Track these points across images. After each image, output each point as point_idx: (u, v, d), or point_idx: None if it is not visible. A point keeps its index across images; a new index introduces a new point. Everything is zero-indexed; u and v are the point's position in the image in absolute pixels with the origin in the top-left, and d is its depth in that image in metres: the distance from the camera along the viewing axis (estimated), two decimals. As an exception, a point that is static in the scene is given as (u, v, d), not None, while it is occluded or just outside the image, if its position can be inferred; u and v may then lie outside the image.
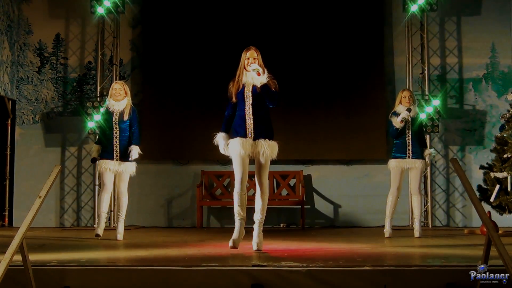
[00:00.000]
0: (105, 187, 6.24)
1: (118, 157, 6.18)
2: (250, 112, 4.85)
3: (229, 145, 4.87)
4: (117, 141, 6.20)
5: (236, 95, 4.91)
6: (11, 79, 8.80)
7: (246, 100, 4.87)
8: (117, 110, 6.24)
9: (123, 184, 6.24)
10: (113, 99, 6.27)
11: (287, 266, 3.74)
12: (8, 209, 8.71)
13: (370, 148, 8.54)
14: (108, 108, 6.31)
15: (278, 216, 8.64)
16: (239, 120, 4.88)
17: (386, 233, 6.51)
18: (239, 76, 4.95)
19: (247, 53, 4.93)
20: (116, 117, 6.23)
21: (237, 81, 4.94)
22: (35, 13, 9.02)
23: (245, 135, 4.82)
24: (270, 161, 4.88)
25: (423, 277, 3.62)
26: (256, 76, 4.82)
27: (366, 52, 8.66)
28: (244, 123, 4.84)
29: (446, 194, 8.63)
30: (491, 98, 8.69)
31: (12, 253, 3.33)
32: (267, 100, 4.88)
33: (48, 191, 3.59)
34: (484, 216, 3.39)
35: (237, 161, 4.80)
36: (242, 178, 4.79)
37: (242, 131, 4.83)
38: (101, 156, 6.23)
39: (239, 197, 4.78)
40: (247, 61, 4.90)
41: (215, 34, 8.73)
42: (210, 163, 8.60)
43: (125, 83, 6.49)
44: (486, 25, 8.74)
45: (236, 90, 4.92)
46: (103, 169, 6.18)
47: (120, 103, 6.26)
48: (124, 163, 6.19)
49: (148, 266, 3.82)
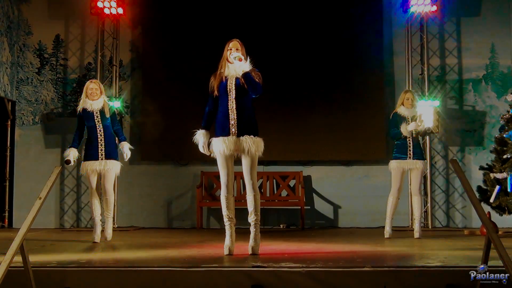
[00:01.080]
0: (92, 192, 6.08)
1: (103, 156, 6.03)
2: (233, 107, 4.60)
3: (211, 144, 4.67)
4: (102, 140, 6.06)
5: (218, 89, 4.68)
6: (11, 80, 8.80)
7: (229, 94, 4.62)
8: (96, 109, 6.08)
9: (109, 183, 6.10)
10: (89, 98, 6.11)
11: (287, 267, 3.74)
12: (8, 210, 8.72)
13: (370, 148, 8.54)
14: (85, 108, 6.10)
15: (278, 217, 8.65)
16: (222, 116, 4.65)
17: (386, 234, 6.51)
18: (221, 68, 4.72)
19: (229, 44, 4.72)
20: (98, 115, 6.08)
21: (219, 74, 4.70)
22: (35, 14, 9.02)
23: (228, 133, 4.59)
24: (257, 159, 4.63)
25: (423, 278, 3.63)
26: (238, 64, 4.59)
27: (366, 52, 8.66)
28: (227, 120, 4.61)
29: (446, 195, 8.63)
30: (490, 99, 8.70)
31: (13, 254, 3.33)
32: (249, 88, 4.58)
33: (48, 192, 3.59)
34: (484, 217, 3.39)
35: (220, 161, 4.63)
36: (228, 180, 4.63)
37: (225, 128, 4.60)
38: (84, 157, 6.06)
39: (226, 200, 4.63)
40: (230, 51, 4.68)
41: (214, 35, 8.69)
42: (209, 164, 8.55)
43: (99, 82, 6.38)
44: (486, 26, 8.75)
45: (218, 83, 4.68)
46: (89, 172, 6.00)
47: (97, 102, 6.10)
48: (109, 162, 6.05)
49: (148, 267, 3.81)
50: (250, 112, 4.69)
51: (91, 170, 6.01)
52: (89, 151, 6.05)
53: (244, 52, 4.73)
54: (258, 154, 4.61)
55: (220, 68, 4.73)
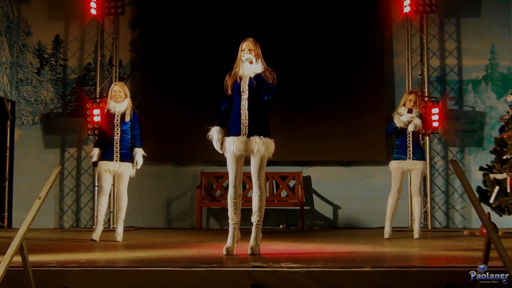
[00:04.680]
0: (102, 190, 6.22)
1: (118, 158, 6.17)
2: (246, 107, 4.66)
3: (224, 143, 4.71)
4: (118, 143, 6.19)
5: (232, 88, 4.74)
6: (11, 80, 8.80)
7: (242, 94, 4.68)
8: (118, 111, 6.22)
9: (123, 185, 6.23)
10: (113, 100, 6.27)
11: (286, 267, 3.73)
12: (7, 210, 8.71)
13: (370, 149, 8.54)
14: (109, 110, 6.27)
15: (277, 218, 8.65)
16: (234, 115, 4.70)
17: (385, 234, 6.51)
18: (235, 67, 4.79)
19: (243, 44, 4.78)
20: (118, 119, 6.21)
21: (233, 74, 4.76)
22: (34, 15, 9.02)
23: (239, 133, 4.64)
24: (266, 160, 4.67)
25: (422, 278, 3.63)
26: (249, 65, 4.66)
27: (366, 53, 8.67)
28: (238, 120, 4.66)
29: (446, 195, 8.63)
30: (490, 99, 8.70)
31: (12, 254, 3.32)
32: (261, 90, 4.66)
33: (47, 192, 3.59)
34: (484, 217, 3.38)
35: (230, 162, 4.67)
36: (236, 181, 4.67)
37: (237, 128, 4.65)
38: (100, 157, 6.20)
39: (232, 201, 4.67)
40: (243, 52, 4.73)
41: (215, 35, 8.73)
42: (209, 164, 8.60)
43: (124, 85, 6.47)
44: (486, 26, 8.75)
45: (233, 82, 4.74)
46: (102, 171, 6.15)
47: (121, 105, 6.25)
48: (124, 164, 6.18)
49: (147, 267, 3.81)
50: (263, 113, 4.72)
51: (105, 170, 6.15)
52: (105, 152, 6.19)
53: (259, 51, 4.78)
54: (268, 155, 4.64)
55: (235, 68, 4.80)
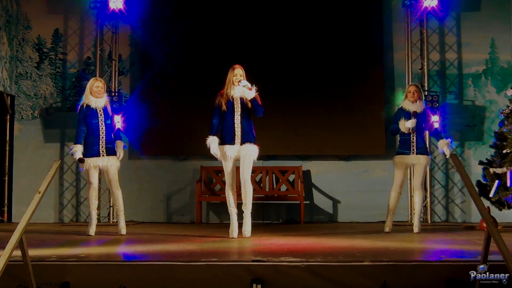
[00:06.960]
0: (92, 186, 6.20)
1: (104, 153, 6.16)
2: (238, 121, 5.62)
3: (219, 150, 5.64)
4: (103, 137, 6.18)
5: (226, 105, 5.62)
6: (10, 74, 8.78)
7: (235, 112, 5.61)
8: (100, 107, 6.18)
9: (114, 179, 6.23)
10: (94, 96, 6.17)
11: (286, 261, 3.74)
12: (7, 205, 8.71)
13: (369, 143, 8.53)
14: (89, 105, 6.16)
15: (277, 212, 8.65)
16: (228, 128, 5.64)
17: (386, 228, 6.51)
18: (227, 89, 5.64)
19: (234, 71, 5.64)
20: (101, 114, 6.19)
21: (225, 94, 5.63)
22: (33, 9, 8.98)
23: (233, 142, 5.61)
24: (253, 161, 5.68)
25: (422, 273, 3.63)
26: (247, 91, 5.57)
27: (366, 47, 8.64)
28: (232, 131, 5.62)
29: (445, 189, 8.63)
30: (490, 93, 8.69)
31: (12, 248, 3.32)
32: (255, 112, 5.65)
33: (47, 187, 3.59)
34: (484, 211, 3.38)
35: (226, 166, 5.66)
36: (232, 181, 5.68)
37: (231, 138, 5.61)
38: (85, 154, 6.13)
39: (232, 197, 5.74)
40: (235, 77, 5.62)
41: (214, 30, 8.71)
42: (209, 158, 8.44)
43: (103, 80, 6.48)
44: (486, 20, 8.72)
45: (226, 101, 5.62)
46: (91, 167, 6.13)
47: (102, 100, 6.21)
48: (111, 158, 6.19)
49: (147, 261, 3.82)
50: (251, 124, 5.73)
51: (94, 167, 6.14)
52: (90, 148, 6.15)
53: (244, 76, 5.70)
54: (255, 158, 5.70)
55: (226, 89, 5.66)
